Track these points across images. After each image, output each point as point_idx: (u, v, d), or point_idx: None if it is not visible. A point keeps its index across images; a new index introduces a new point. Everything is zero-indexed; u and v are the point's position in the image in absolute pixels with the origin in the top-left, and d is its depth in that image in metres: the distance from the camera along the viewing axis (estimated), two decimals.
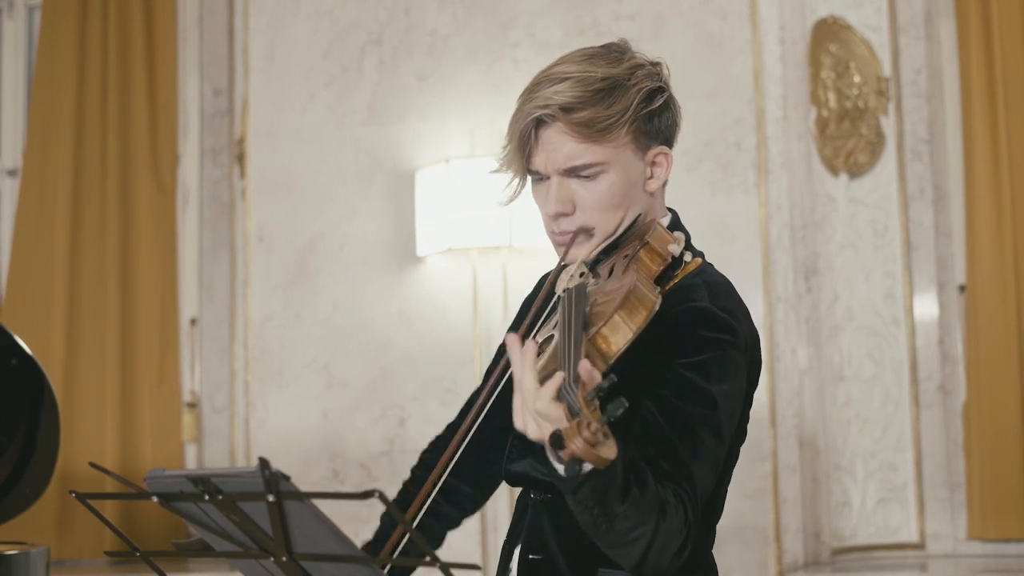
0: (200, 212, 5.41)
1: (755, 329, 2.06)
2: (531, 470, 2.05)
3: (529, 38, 4.67)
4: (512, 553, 2.10)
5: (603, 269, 1.98)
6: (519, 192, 2.09)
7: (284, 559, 1.68)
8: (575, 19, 4.65)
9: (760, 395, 4.32)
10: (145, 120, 5.34)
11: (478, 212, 4.36)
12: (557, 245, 2.05)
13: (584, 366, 1.65)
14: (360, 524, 4.51)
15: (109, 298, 5.22)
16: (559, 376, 1.68)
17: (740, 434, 2.08)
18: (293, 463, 4.63)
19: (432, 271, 4.71)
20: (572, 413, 1.64)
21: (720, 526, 2.14)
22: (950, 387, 4.76)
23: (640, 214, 2.05)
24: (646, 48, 4.85)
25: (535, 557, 2.04)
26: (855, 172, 4.81)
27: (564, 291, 1.86)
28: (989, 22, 4.69)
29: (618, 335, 1.78)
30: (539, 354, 1.75)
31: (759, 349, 2.07)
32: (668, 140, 2.07)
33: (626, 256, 1.97)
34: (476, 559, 4.38)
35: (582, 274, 1.94)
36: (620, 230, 2.02)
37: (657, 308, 1.84)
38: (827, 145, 4.79)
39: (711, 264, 2.12)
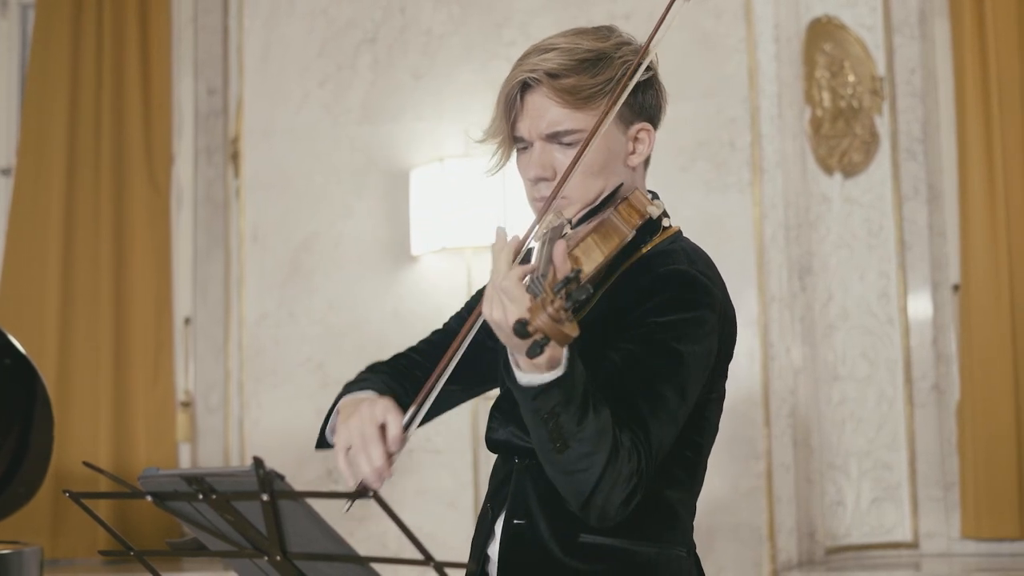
0: (194, 211, 5.41)
1: (731, 303, 2.09)
2: (513, 438, 2.08)
3: (524, 37, 4.67)
4: (496, 519, 2.11)
5: (580, 228, 2.03)
6: (504, 162, 2.13)
7: (278, 558, 1.67)
8: (570, 18, 4.64)
9: (754, 393, 4.35)
10: (139, 119, 5.33)
11: (472, 211, 4.36)
12: (540, 210, 2.07)
13: (558, 250, 1.74)
14: (354, 523, 4.51)
15: (103, 297, 5.22)
16: (529, 265, 1.75)
17: (714, 408, 2.10)
18: (287, 462, 4.63)
19: (427, 270, 4.70)
20: (534, 296, 1.67)
21: (714, 524, 2.14)
22: (944, 386, 4.76)
23: (620, 185, 2.08)
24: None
25: (519, 522, 2.06)
26: (849, 171, 4.81)
27: (547, 226, 1.91)
28: (983, 22, 4.69)
29: (589, 256, 1.84)
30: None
31: (735, 324, 2.10)
32: (652, 119, 2.12)
33: (605, 210, 2.03)
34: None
35: (559, 219, 1.97)
36: (599, 200, 2.05)
37: (629, 238, 1.91)
38: (821, 144, 4.79)
39: (687, 237, 2.15)
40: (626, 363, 1.93)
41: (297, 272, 4.81)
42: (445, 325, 2.38)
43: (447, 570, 1.58)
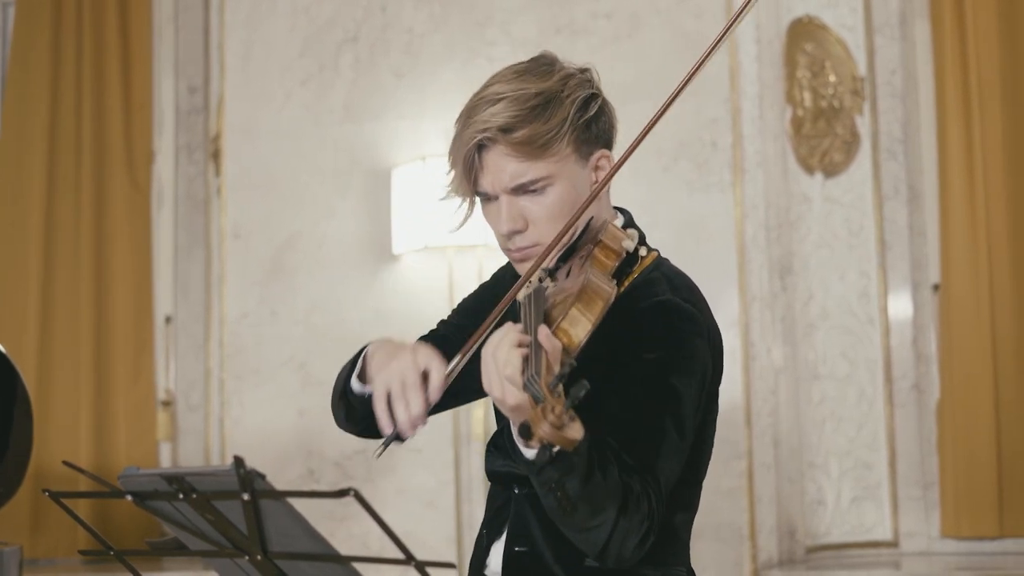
0: (175, 209, 5.40)
1: (715, 323, 2.09)
2: (513, 468, 2.07)
3: (506, 36, 4.67)
4: (491, 547, 2.11)
5: (560, 274, 2.02)
6: (469, 215, 2.13)
7: (259, 558, 1.67)
8: (552, 17, 4.65)
9: (735, 394, 4.36)
10: (120, 117, 5.32)
11: (455, 210, 4.36)
12: (516, 263, 2.09)
13: (543, 335, 1.74)
14: (336, 523, 4.51)
15: (83, 295, 5.20)
16: (525, 342, 1.75)
17: (710, 428, 2.10)
18: (268, 462, 4.62)
19: (408, 269, 4.70)
20: (536, 401, 1.67)
21: (695, 524, 2.15)
22: (924, 386, 4.78)
23: (592, 218, 2.08)
24: (622, 46, 4.86)
25: (521, 550, 2.06)
26: (830, 171, 4.83)
27: (524, 296, 1.90)
28: (963, 23, 4.71)
29: (577, 327, 1.83)
30: None
31: (721, 343, 2.10)
32: (608, 143, 2.13)
33: (582, 257, 2.01)
34: (451, 557, 4.38)
35: (541, 279, 1.97)
36: (574, 238, 2.05)
37: (613, 298, 1.89)
38: (802, 144, 4.80)
39: (667, 259, 2.15)
40: (624, 406, 1.93)
41: (278, 271, 4.81)
42: (433, 332, 2.36)
43: (428, 569, 1.58)
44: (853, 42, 4.87)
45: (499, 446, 2.12)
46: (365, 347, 2.19)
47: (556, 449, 1.70)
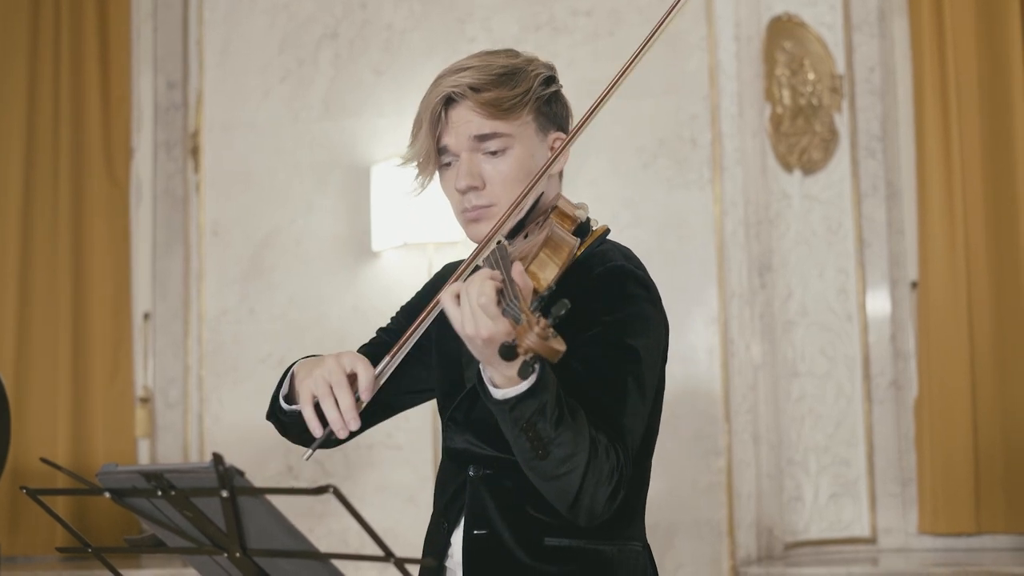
0: (153, 206, 5.38)
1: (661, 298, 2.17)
2: (471, 446, 2.12)
3: (486, 33, 4.67)
4: (450, 532, 2.13)
5: (517, 239, 2.10)
6: (428, 182, 2.19)
7: (238, 555, 1.67)
8: (532, 15, 4.65)
9: (714, 390, 4.37)
10: (98, 113, 5.30)
11: (434, 207, 4.36)
12: (469, 222, 2.14)
13: (516, 270, 1.80)
14: (315, 520, 4.50)
15: (61, 292, 5.18)
16: (496, 273, 1.80)
17: (659, 402, 2.15)
18: (247, 458, 4.61)
19: (388, 266, 4.70)
20: (517, 322, 1.72)
21: (674, 520, 2.16)
22: (902, 383, 4.79)
23: (542, 194, 2.15)
24: (602, 43, 4.86)
25: (480, 533, 2.09)
26: (809, 169, 4.84)
27: (486, 258, 1.97)
28: (942, 21, 4.73)
29: (546, 270, 1.90)
30: None
31: (667, 321, 2.17)
32: (563, 128, 2.22)
33: (536, 223, 2.10)
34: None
35: (499, 242, 2.02)
36: (524, 212, 2.11)
37: (576, 248, 1.98)
38: (781, 142, 4.81)
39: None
40: (586, 367, 1.98)
41: (257, 268, 4.80)
42: (372, 340, 2.41)
43: (407, 566, 1.58)
44: (832, 40, 4.89)
45: (457, 420, 2.15)
46: (292, 365, 2.26)
47: (524, 387, 1.78)
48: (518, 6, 4.67)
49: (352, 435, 2.08)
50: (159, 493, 1.63)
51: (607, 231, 2.18)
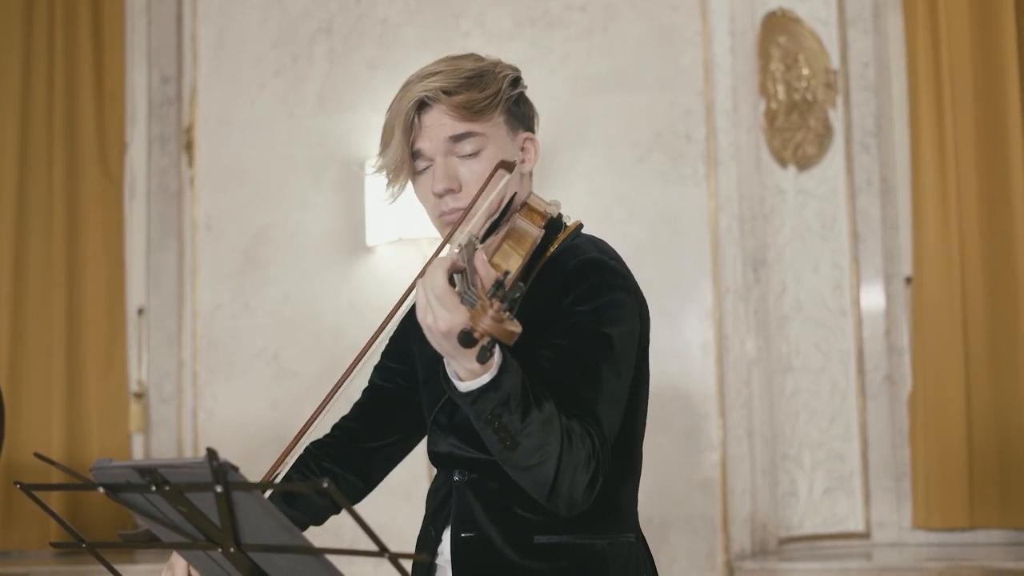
0: (148, 201, 5.37)
1: (640, 289, 2.16)
2: (455, 449, 2.14)
3: (480, 28, 4.67)
4: (439, 537, 2.15)
5: (491, 238, 2.11)
6: (401, 190, 2.21)
7: (232, 550, 1.67)
8: (526, 9, 4.64)
9: (709, 385, 4.37)
10: (92, 108, 5.29)
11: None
12: (447, 225, 2.14)
13: (479, 259, 1.82)
14: None
15: (55, 287, 5.18)
16: (446, 259, 1.82)
17: (643, 391, 2.16)
18: (241, 453, 4.60)
19: (382, 261, 4.69)
20: (471, 306, 1.73)
21: (668, 515, 2.17)
22: (896, 378, 4.80)
23: (515, 194, 2.16)
24: (597, 38, 4.85)
25: (468, 535, 2.10)
26: (803, 164, 4.84)
27: (464, 244, 1.96)
28: (936, 16, 4.73)
29: (509, 260, 1.92)
30: None
31: (647, 306, 2.17)
32: (531, 128, 2.23)
33: (508, 218, 2.12)
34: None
35: (470, 238, 2.02)
36: (499, 211, 2.12)
37: (541, 236, 2.00)
38: (776, 137, 4.81)
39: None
40: (560, 356, 1.99)
41: (252, 262, 4.79)
42: (370, 380, 2.50)
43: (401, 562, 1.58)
44: (826, 35, 4.89)
45: (440, 424, 2.17)
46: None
47: (485, 379, 1.80)
48: (512, 1, 4.66)
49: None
50: (153, 488, 1.63)
51: (580, 226, 2.20)
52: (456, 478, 2.14)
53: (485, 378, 1.82)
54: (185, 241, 5.26)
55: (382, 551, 1.53)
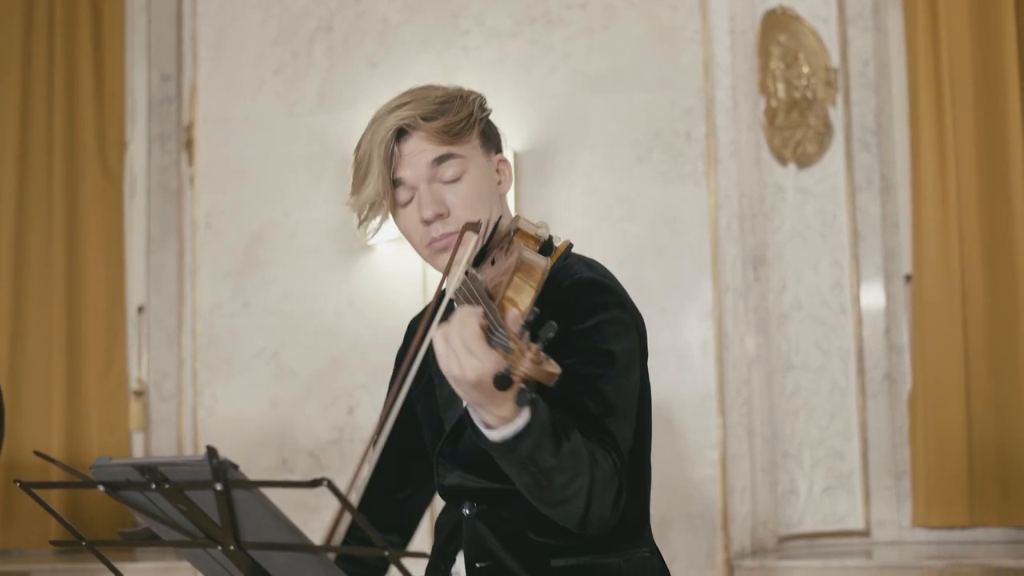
0: (147, 199, 5.38)
1: (635, 305, 2.16)
2: (464, 481, 2.12)
3: (480, 26, 4.67)
4: (449, 570, 2.14)
5: (484, 266, 2.07)
6: (380, 226, 2.18)
7: (232, 548, 1.67)
8: (525, 8, 4.64)
9: (708, 384, 4.37)
10: (92, 106, 5.29)
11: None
12: (438, 252, 2.12)
13: (504, 306, 1.78)
14: (308, 512, 4.50)
15: (55, 285, 5.18)
16: (478, 309, 1.76)
17: (646, 407, 2.15)
18: (241, 452, 4.61)
19: (382, 259, 4.69)
20: (507, 352, 1.70)
21: (668, 514, 2.17)
22: (896, 376, 4.80)
23: (500, 217, 2.16)
24: (597, 37, 4.85)
25: (483, 565, 2.09)
26: (803, 162, 4.84)
27: (456, 288, 1.93)
28: (936, 14, 4.73)
29: (523, 294, 1.86)
30: None
31: (644, 323, 2.17)
32: (501, 150, 2.22)
33: (500, 248, 2.08)
34: (424, 547, 4.38)
35: (467, 273, 1.97)
36: (486, 238, 2.10)
37: (549, 268, 1.95)
38: (776, 135, 4.81)
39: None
40: (565, 377, 1.95)
41: (251, 261, 4.79)
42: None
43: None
44: (826, 33, 4.89)
45: (445, 455, 2.15)
46: None
47: (522, 423, 1.75)
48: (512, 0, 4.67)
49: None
50: (153, 486, 1.63)
51: (570, 246, 2.19)
52: (466, 511, 2.12)
53: (519, 423, 1.78)
54: (185, 239, 5.26)
55: (383, 550, 1.54)
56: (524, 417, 1.78)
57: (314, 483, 1.48)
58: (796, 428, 4.73)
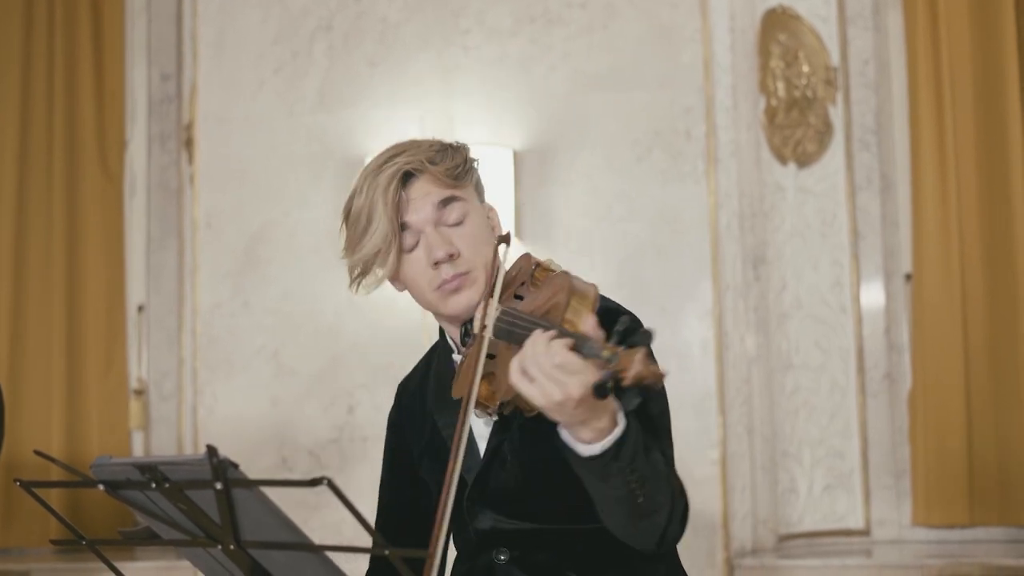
0: (147, 198, 5.37)
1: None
2: (497, 523, 2.09)
3: (480, 25, 4.67)
4: None
5: (509, 302, 2.02)
6: (382, 279, 2.16)
7: (231, 547, 1.67)
8: (526, 6, 4.64)
9: (708, 383, 4.37)
10: (92, 105, 5.29)
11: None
12: (449, 295, 2.09)
13: (586, 319, 1.75)
14: (308, 511, 4.50)
15: (55, 285, 5.18)
16: (548, 332, 1.74)
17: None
18: (241, 451, 4.61)
19: None
20: (609, 361, 1.67)
21: None
22: (896, 375, 4.80)
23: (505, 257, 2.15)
24: (597, 36, 4.85)
25: None
26: (803, 161, 4.84)
27: (497, 323, 1.91)
28: (936, 13, 4.73)
29: (580, 317, 1.83)
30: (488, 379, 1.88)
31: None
32: (484, 200, 2.21)
33: (523, 283, 2.04)
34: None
35: (502, 309, 1.96)
36: (503, 277, 2.09)
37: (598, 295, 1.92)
38: (776, 134, 4.81)
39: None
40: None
41: (251, 260, 4.79)
42: (383, 504, 2.38)
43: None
44: (826, 32, 4.88)
45: (472, 499, 2.10)
46: None
47: (616, 434, 1.75)
48: None
49: None
50: (153, 485, 1.63)
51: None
52: (503, 558, 2.09)
53: (618, 431, 1.78)
54: (185, 239, 5.26)
55: (383, 548, 1.54)
56: (621, 424, 1.78)
57: (314, 482, 1.48)
58: (796, 427, 4.73)
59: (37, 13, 5.31)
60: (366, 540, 1.53)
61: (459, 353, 2.15)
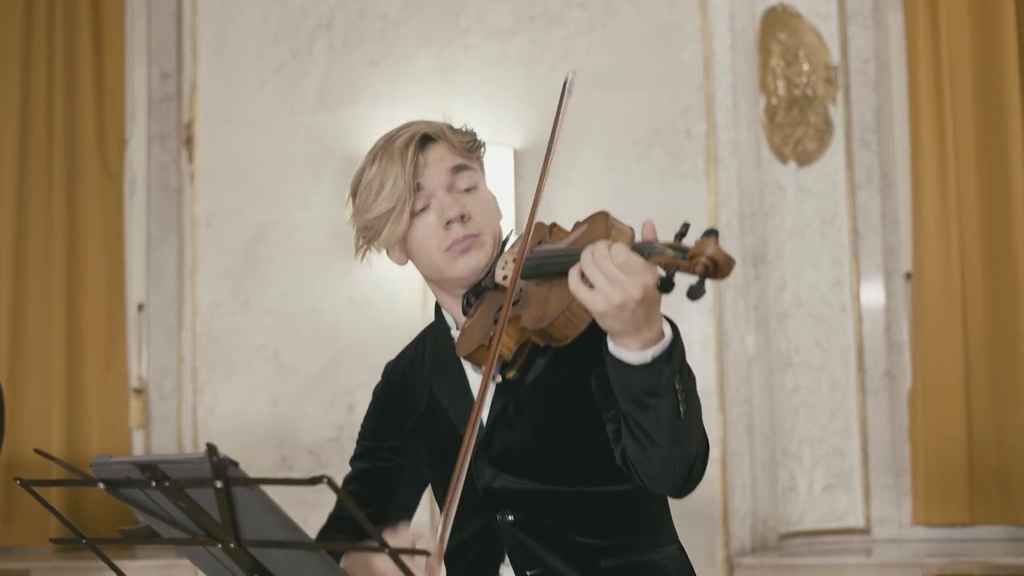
0: (147, 197, 5.37)
1: None
2: (509, 483, 2.10)
3: (480, 24, 4.66)
4: None
5: (577, 234, 2.06)
6: (394, 238, 2.17)
7: (232, 545, 1.67)
8: (526, 5, 4.64)
9: (708, 381, 4.37)
10: (92, 104, 5.29)
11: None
12: (459, 255, 2.12)
13: (645, 224, 1.79)
14: (308, 510, 4.49)
15: (55, 284, 5.18)
16: (601, 241, 1.77)
17: None
18: (241, 449, 4.61)
19: (382, 258, 4.68)
20: (677, 253, 1.70)
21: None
22: (896, 374, 4.80)
23: (511, 231, 2.22)
24: (597, 35, 4.85)
25: (534, 572, 2.09)
26: (803, 160, 4.84)
27: (531, 252, 1.96)
28: (936, 12, 4.73)
29: (623, 238, 1.86)
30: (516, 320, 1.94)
31: None
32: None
33: (540, 242, 2.10)
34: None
35: (533, 246, 2.02)
36: (500, 243, 2.17)
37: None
38: (776, 133, 4.81)
39: None
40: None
41: (251, 259, 4.79)
42: (357, 470, 2.38)
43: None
44: (826, 31, 4.89)
45: (480, 458, 2.10)
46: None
47: (664, 344, 1.76)
48: None
49: None
50: (153, 484, 1.63)
51: None
52: (510, 518, 2.10)
53: (668, 337, 1.81)
54: (185, 238, 5.26)
55: (382, 546, 1.54)
56: (669, 333, 1.81)
57: (314, 480, 1.48)
58: (796, 426, 4.73)
59: (37, 13, 5.30)
60: (366, 538, 1.53)
61: (458, 329, 2.16)
